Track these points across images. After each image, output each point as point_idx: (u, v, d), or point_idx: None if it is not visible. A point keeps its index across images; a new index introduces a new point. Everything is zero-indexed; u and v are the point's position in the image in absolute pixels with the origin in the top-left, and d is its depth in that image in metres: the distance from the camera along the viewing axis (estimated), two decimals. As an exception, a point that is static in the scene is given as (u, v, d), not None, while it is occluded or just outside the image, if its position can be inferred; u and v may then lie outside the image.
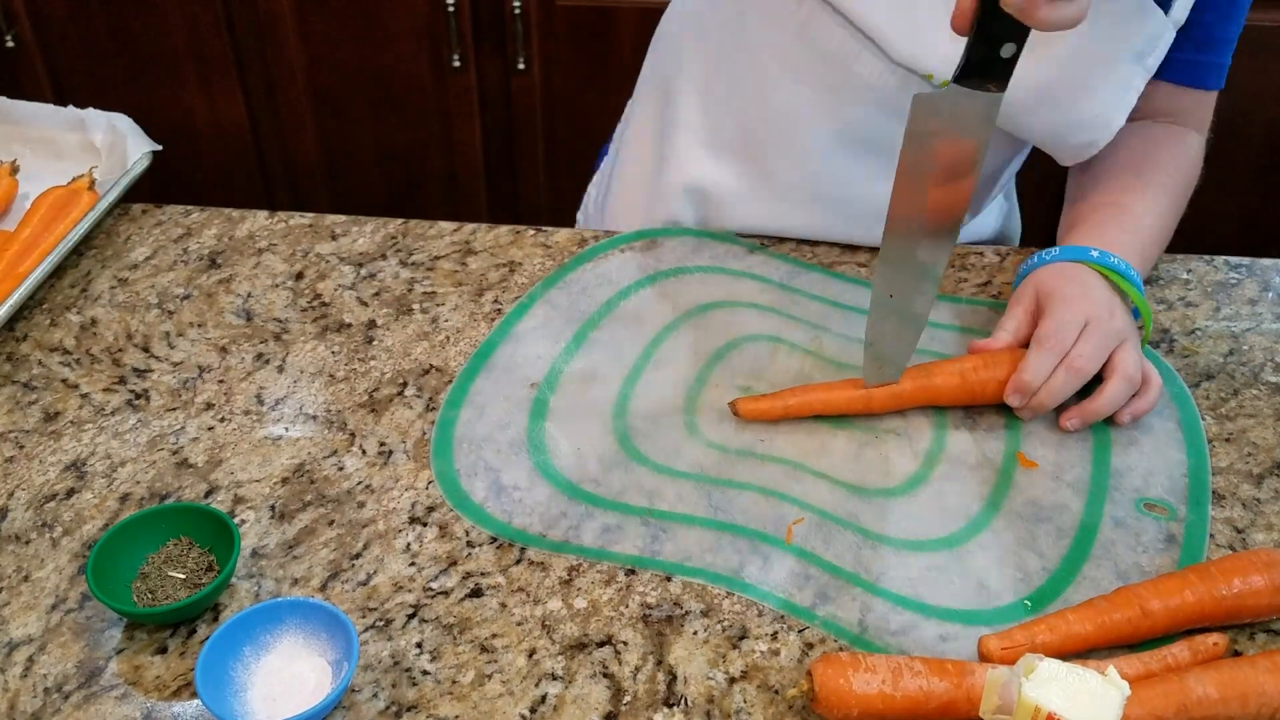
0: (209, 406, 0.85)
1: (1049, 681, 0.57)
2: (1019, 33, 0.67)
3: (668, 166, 1.04)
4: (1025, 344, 0.83)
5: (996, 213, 1.14)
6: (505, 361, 0.88)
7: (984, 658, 0.66)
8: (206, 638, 0.66)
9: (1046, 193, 1.83)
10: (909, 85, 0.89)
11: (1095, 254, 0.85)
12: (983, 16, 0.66)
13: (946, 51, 0.84)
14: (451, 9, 1.76)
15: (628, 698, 0.65)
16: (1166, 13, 0.86)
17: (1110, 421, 0.82)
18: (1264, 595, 0.66)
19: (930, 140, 0.72)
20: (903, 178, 0.74)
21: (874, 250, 0.99)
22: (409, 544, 0.74)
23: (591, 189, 1.21)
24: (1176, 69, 0.91)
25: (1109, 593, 0.68)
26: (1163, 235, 0.92)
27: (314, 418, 0.83)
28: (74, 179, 1.03)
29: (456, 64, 1.82)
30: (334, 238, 1.02)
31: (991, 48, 0.68)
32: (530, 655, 0.68)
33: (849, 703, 0.61)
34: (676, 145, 1.03)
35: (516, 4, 1.75)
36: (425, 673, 0.67)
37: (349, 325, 0.92)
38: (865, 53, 0.89)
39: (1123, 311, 0.83)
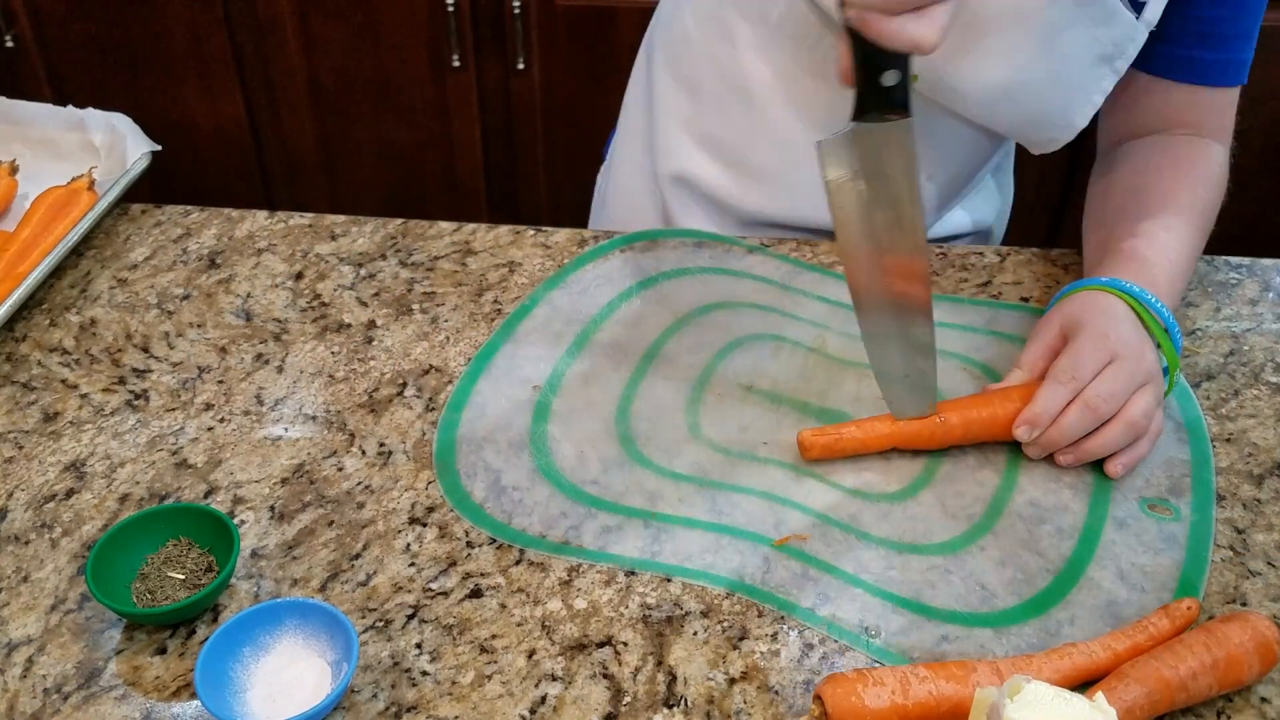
0: (208, 407, 0.84)
1: (1033, 705, 0.56)
2: (898, 59, 0.65)
3: (657, 156, 1.06)
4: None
5: (981, 205, 1.13)
6: (507, 363, 0.88)
7: (801, 448, 0.77)
8: (206, 638, 0.66)
9: (1044, 192, 1.83)
10: None
11: (1129, 286, 0.80)
12: (856, 51, 0.65)
13: None
14: (451, 9, 1.76)
15: (627, 698, 0.65)
16: (1138, 16, 0.85)
17: (1099, 464, 0.78)
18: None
19: (855, 185, 0.70)
20: (846, 235, 0.72)
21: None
22: (409, 544, 0.74)
23: (599, 178, 1.21)
24: (1186, 68, 0.90)
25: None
26: (1189, 265, 0.87)
27: (314, 418, 0.83)
28: (73, 179, 1.02)
29: (456, 64, 1.82)
30: (334, 238, 1.02)
31: (873, 79, 0.66)
32: (530, 656, 0.68)
33: (864, 719, 0.61)
34: (662, 134, 1.05)
35: (516, 4, 1.74)
36: (425, 673, 0.67)
37: (349, 325, 0.92)
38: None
39: (1151, 351, 0.78)
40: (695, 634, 0.69)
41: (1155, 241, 0.85)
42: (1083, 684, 0.64)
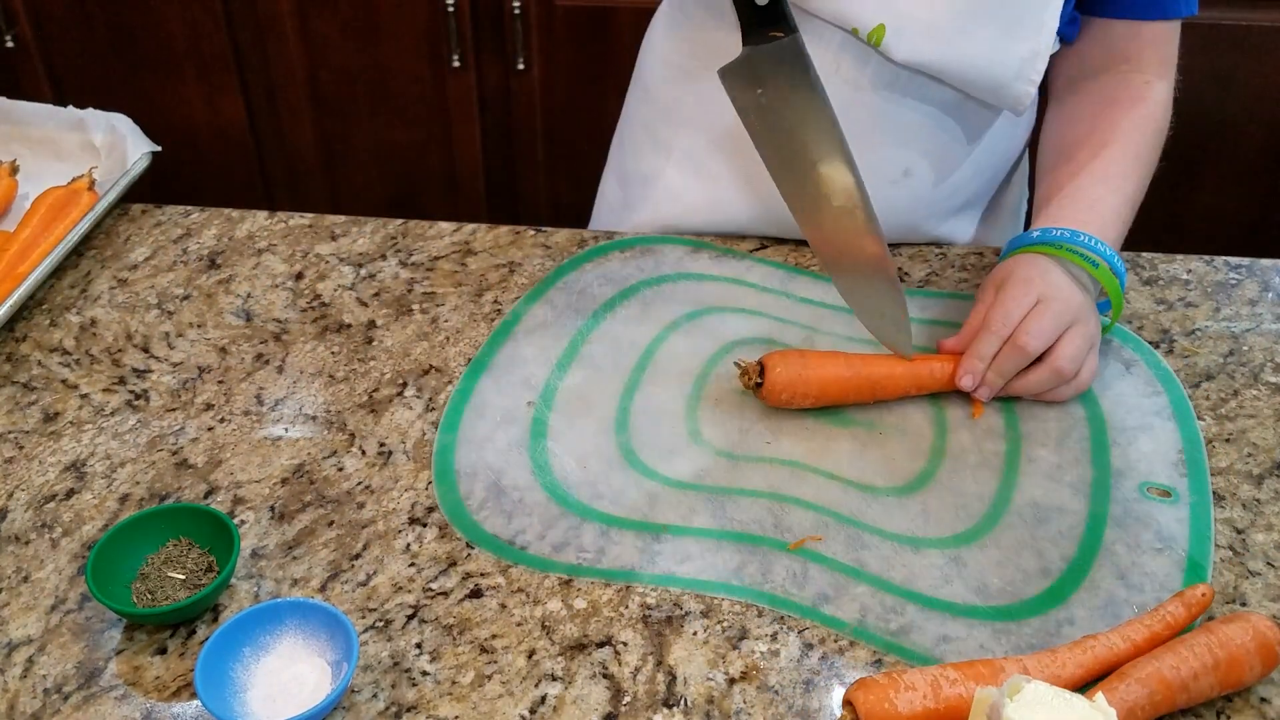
0: (209, 407, 0.84)
1: (1033, 705, 0.56)
2: None
3: (647, 165, 1.07)
4: None
5: (991, 229, 1.10)
6: (499, 379, 0.86)
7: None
8: (206, 638, 0.66)
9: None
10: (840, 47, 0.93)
11: (1057, 235, 0.84)
12: None
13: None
14: (451, 9, 1.76)
15: (627, 698, 0.65)
16: None
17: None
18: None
19: (761, 105, 0.75)
20: (770, 157, 0.77)
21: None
22: (409, 544, 0.74)
23: (608, 175, 1.20)
24: (1123, 3, 0.93)
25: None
26: (1133, 200, 0.90)
27: (314, 418, 0.83)
28: (74, 179, 1.03)
29: (456, 64, 1.82)
30: (334, 238, 1.02)
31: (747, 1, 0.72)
32: (530, 656, 0.68)
33: None
34: (651, 144, 1.07)
35: (516, 4, 1.74)
36: (425, 673, 0.67)
37: (349, 325, 0.92)
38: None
39: (1080, 294, 0.83)
40: (695, 634, 0.69)
41: (1097, 179, 0.89)
42: (1105, 676, 0.64)
